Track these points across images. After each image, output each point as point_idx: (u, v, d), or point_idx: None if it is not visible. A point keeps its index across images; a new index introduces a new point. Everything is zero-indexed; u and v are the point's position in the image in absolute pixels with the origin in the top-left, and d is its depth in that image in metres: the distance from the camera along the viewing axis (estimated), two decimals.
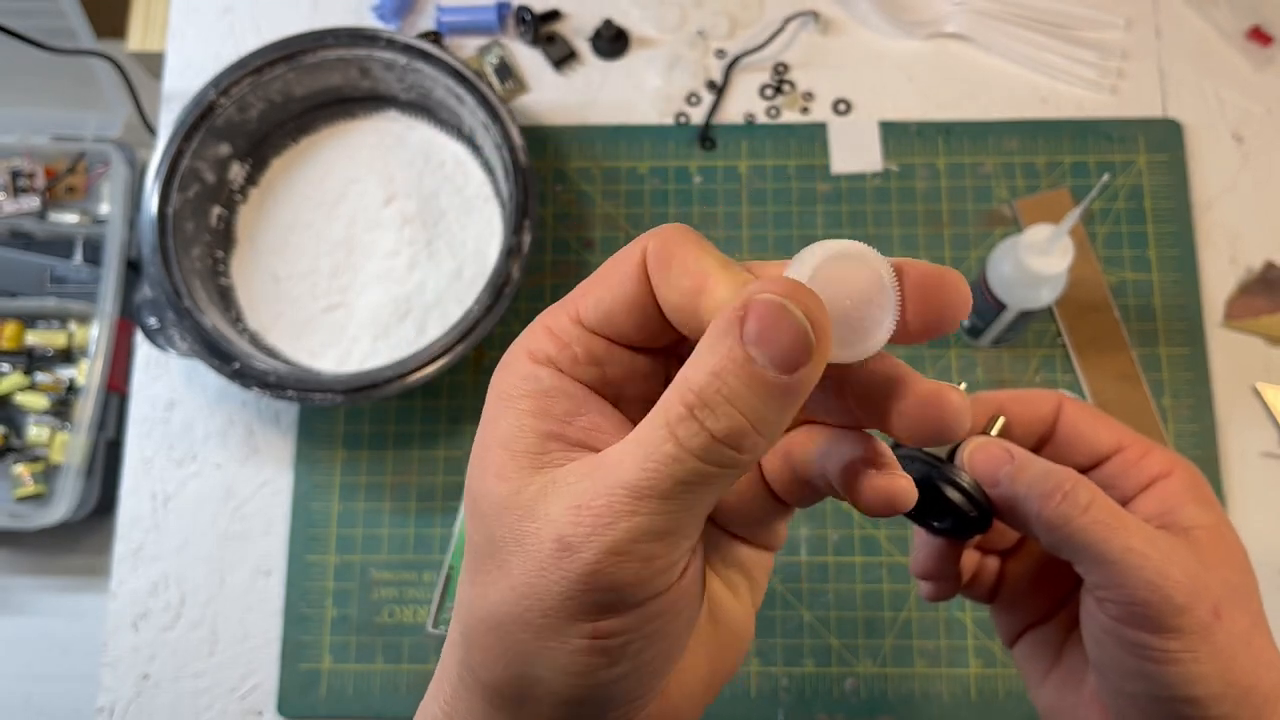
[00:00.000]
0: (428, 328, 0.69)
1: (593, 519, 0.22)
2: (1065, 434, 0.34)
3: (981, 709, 0.63)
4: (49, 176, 1.05)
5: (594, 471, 0.23)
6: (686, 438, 0.21)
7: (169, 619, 0.67)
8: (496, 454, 0.24)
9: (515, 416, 0.25)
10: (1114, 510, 0.30)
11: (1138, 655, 0.29)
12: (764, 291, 0.21)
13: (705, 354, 0.22)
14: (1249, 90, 0.74)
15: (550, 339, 0.25)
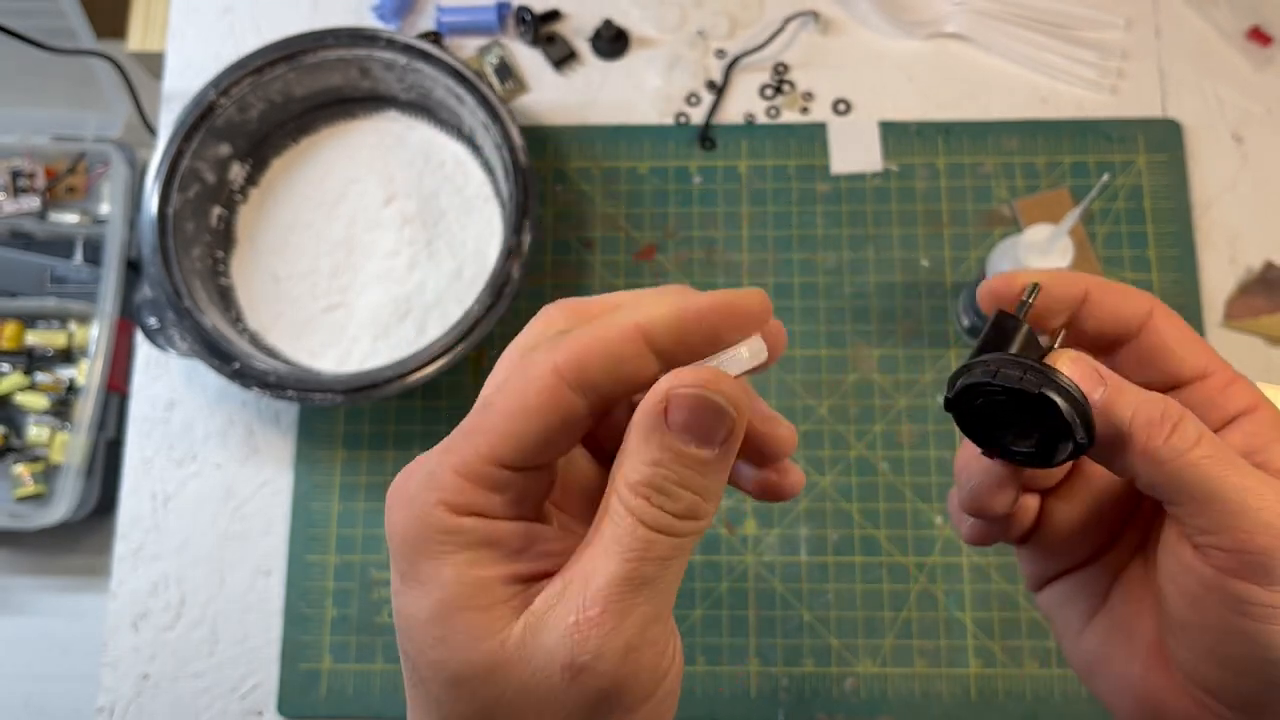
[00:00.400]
0: (428, 328, 0.69)
1: (596, 630, 0.23)
2: (1150, 346, 0.29)
3: (981, 709, 0.63)
4: (49, 176, 1.05)
5: (567, 589, 0.24)
6: (654, 521, 0.24)
7: (169, 619, 0.67)
8: (464, 619, 0.24)
9: (460, 571, 0.24)
10: (1224, 446, 0.26)
11: (1240, 612, 0.26)
12: (680, 386, 0.24)
13: (640, 448, 0.24)
14: (1249, 90, 0.74)
15: (467, 486, 0.24)
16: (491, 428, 0.24)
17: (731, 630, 0.65)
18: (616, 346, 0.24)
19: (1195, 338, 0.29)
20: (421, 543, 0.24)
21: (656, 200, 0.73)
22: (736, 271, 0.71)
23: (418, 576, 0.24)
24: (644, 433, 0.24)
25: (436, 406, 0.70)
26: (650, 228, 0.72)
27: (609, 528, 0.24)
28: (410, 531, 0.24)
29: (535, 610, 0.24)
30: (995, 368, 0.27)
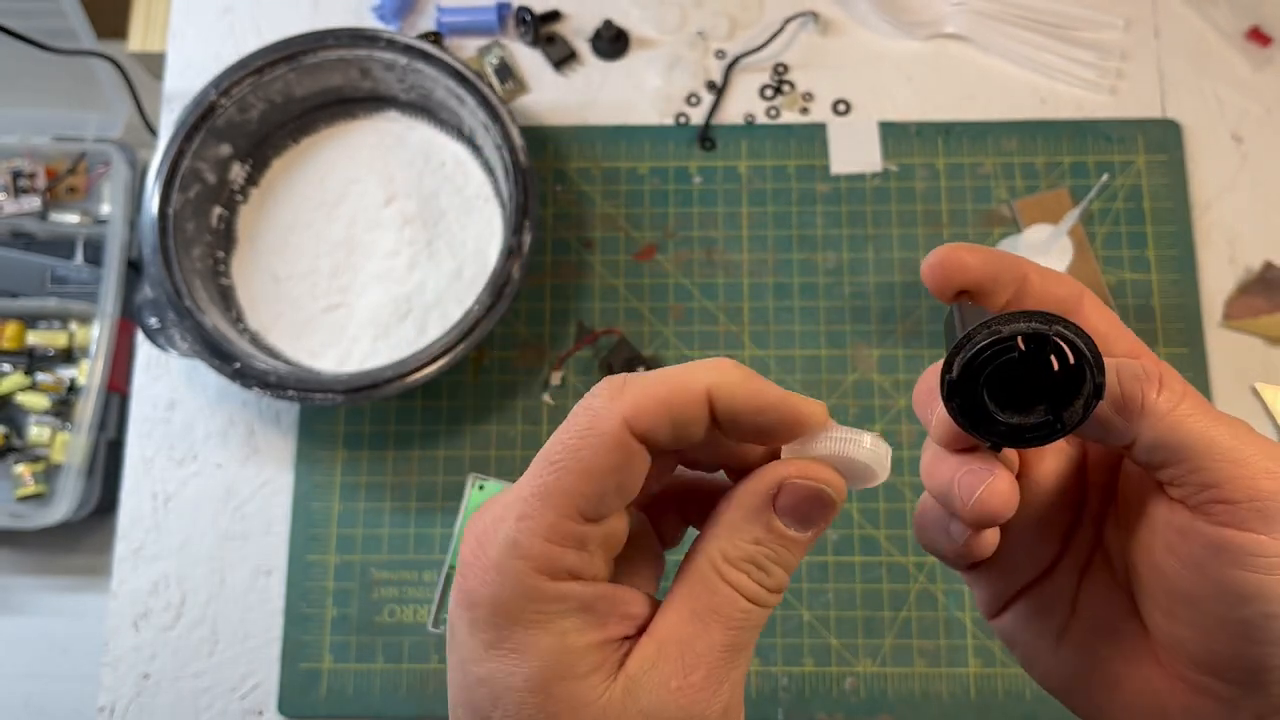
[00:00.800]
0: (428, 328, 0.69)
1: (701, 695, 0.25)
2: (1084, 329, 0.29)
3: (981, 708, 0.63)
4: (50, 177, 1.06)
5: (663, 653, 0.25)
6: (753, 595, 0.26)
7: (169, 619, 0.67)
8: (565, 688, 0.24)
9: (558, 640, 0.24)
10: (1203, 400, 0.26)
11: (1247, 567, 0.25)
12: (797, 478, 0.26)
13: (743, 525, 0.26)
14: (1248, 90, 0.74)
15: (557, 550, 0.24)
16: (570, 489, 0.24)
17: None
18: (682, 407, 0.25)
19: (1120, 323, 0.30)
20: (517, 612, 0.24)
21: (656, 200, 0.73)
22: (737, 271, 0.71)
23: (511, 646, 0.24)
24: (750, 512, 0.26)
25: (437, 406, 0.70)
26: (650, 228, 0.73)
27: (705, 596, 0.25)
28: (504, 601, 0.24)
29: (632, 674, 0.25)
30: (1000, 325, 0.25)
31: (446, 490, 0.68)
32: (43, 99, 1.08)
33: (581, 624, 0.25)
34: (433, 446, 0.69)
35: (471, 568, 0.25)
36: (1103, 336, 0.29)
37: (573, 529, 0.24)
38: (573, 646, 0.24)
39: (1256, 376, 0.69)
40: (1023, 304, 0.29)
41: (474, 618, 0.25)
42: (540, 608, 0.24)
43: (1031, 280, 0.29)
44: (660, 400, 0.25)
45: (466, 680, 0.25)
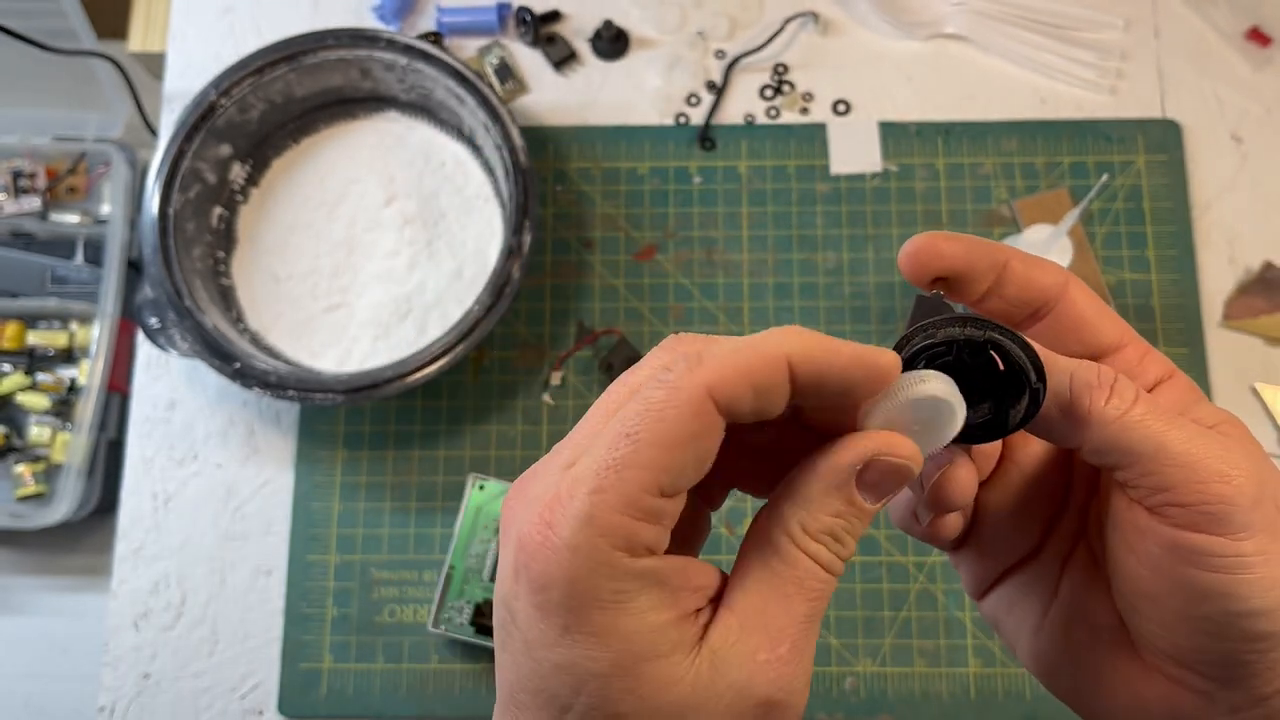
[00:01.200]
0: (428, 328, 0.69)
1: (788, 667, 0.25)
2: (1068, 317, 0.29)
3: (981, 708, 0.63)
4: (50, 177, 1.06)
5: (745, 627, 0.25)
6: (830, 565, 0.26)
7: (170, 618, 0.67)
8: (651, 668, 0.24)
9: (639, 620, 0.24)
10: (1159, 403, 0.26)
11: (1204, 566, 0.25)
12: (887, 454, 0.26)
13: (823, 498, 0.26)
14: (1248, 90, 0.74)
15: (636, 524, 0.24)
16: (649, 462, 0.23)
17: None
18: (765, 375, 0.24)
19: (1108, 309, 0.30)
20: (594, 593, 0.23)
21: (656, 200, 0.73)
22: (737, 271, 0.71)
23: (589, 629, 0.23)
24: (831, 486, 0.26)
25: (437, 406, 0.70)
26: (650, 228, 0.73)
27: (783, 568, 0.25)
28: (580, 581, 0.23)
29: (714, 648, 0.24)
30: (934, 329, 0.26)
31: (446, 490, 0.68)
32: (43, 99, 1.08)
33: (658, 601, 0.24)
34: (433, 446, 0.69)
35: (541, 548, 0.23)
36: (1088, 324, 0.29)
37: (651, 503, 0.23)
38: (653, 625, 0.24)
39: (1256, 376, 0.69)
40: (1003, 292, 0.29)
41: (545, 600, 0.23)
42: (620, 586, 0.23)
43: (1013, 268, 0.29)
44: (743, 371, 0.24)
45: (539, 668, 0.24)
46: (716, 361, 0.24)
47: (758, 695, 0.24)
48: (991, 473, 0.31)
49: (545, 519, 0.23)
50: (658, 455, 0.23)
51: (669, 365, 0.24)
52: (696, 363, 0.24)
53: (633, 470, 0.23)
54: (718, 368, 0.24)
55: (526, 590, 0.24)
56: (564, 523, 0.23)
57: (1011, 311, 0.30)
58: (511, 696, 0.25)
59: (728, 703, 0.24)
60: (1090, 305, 0.29)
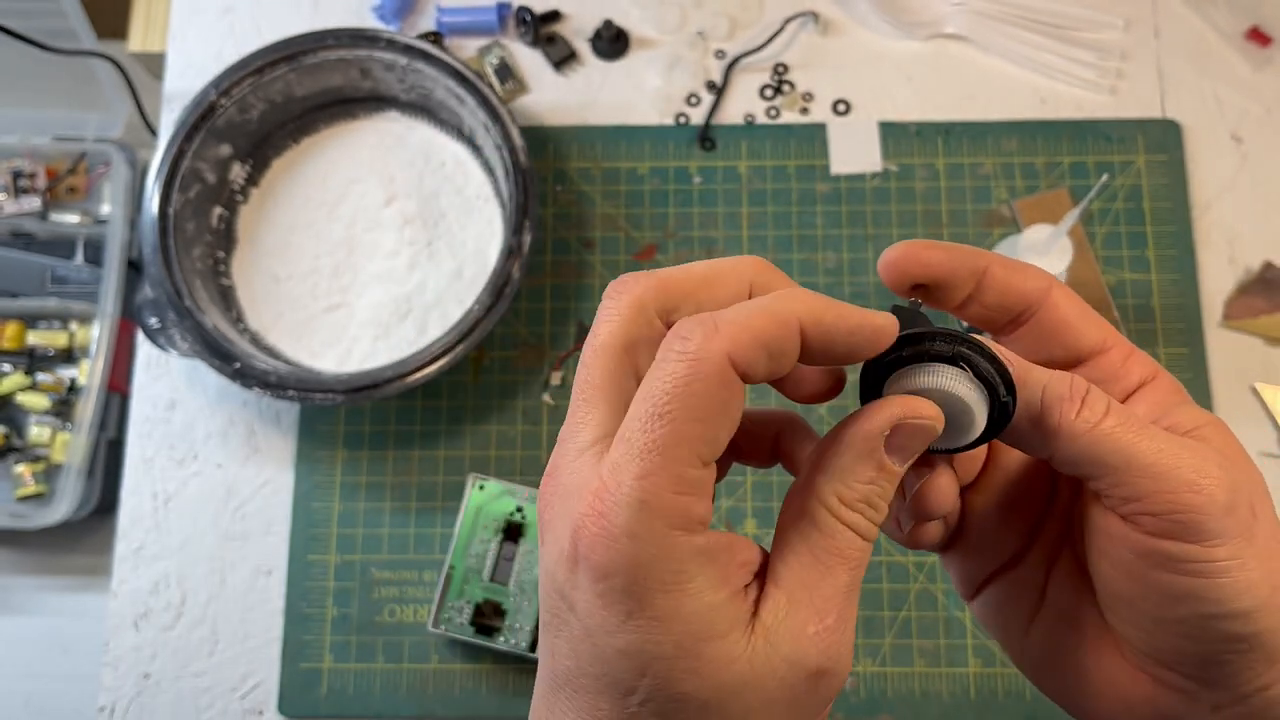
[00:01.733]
0: (428, 328, 0.69)
1: (835, 636, 0.26)
2: (1050, 322, 0.29)
3: (981, 708, 0.63)
4: (50, 177, 1.06)
5: (793, 600, 0.25)
6: (867, 532, 0.26)
7: (170, 618, 0.67)
8: (711, 648, 0.24)
9: (698, 601, 0.24)
10: (1132, 413, 0.27)
11: (1178, 572, 0.25)
12: (913, 417, 0.26)
13: (856, 466, 0.26)
14: (1248, 90, 0.74)
15: (690, 501, 0.24)
16: (686, 436, 0.24)
17: None
18: (779, 339, 0.25)
19: (1091, 312, 0.30)
20: (656, 576, 0.24)
21: (656, 200, 0.73)
22: None
23: (652, 614, 0.24)
24: (862, 453, 0.26)
25: (437, 406, 0.70)
26: (650, 228, 0.73)
27: (823, 540, 0.26)
28: (643, 566, 0.24)
29: (766, 624, 0.25)
30: (904, 347, 0.27)
31: (447, 490, 0.68)
32: (43, 99, 1.08)
33: (713, 579, 0.25)
34: (433, 446, 0.69)
35: (600, 538, 0.24)
36: (1070, 328, 0.29)
37: (696, 476, 0.24)
38: (710, 604, 0.24)
39: (1256, 376, 0.69)
40: (983, 298, 0.29)
41: (608, 589, 0.24)
42: (679, 567, 0.24)
43: (994, 274, 0.29)
44: (759, 336, 0.24)
45: (602, 654, 0.25)
46: (734, 328, 0.24)
47: (809, 667, 0.25)
48: (977, 476, 0.32)
49: (597, 509, 0.24)
50: (693, 428, 0.24)
51: (686, 335, 0.24)
52: (713, 330, 0.24)
53: (673, 447, 0.24)
54: (735, 334, 0.24)
55: (588, 580, 0.24)
56: (618, 510, 0.24)
57: (993, 317, 0.30)
58: (569, 681, 0.26)
59: (781, 676, 0.25)
60: (1073, 309, 0.29)
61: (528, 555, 0.63)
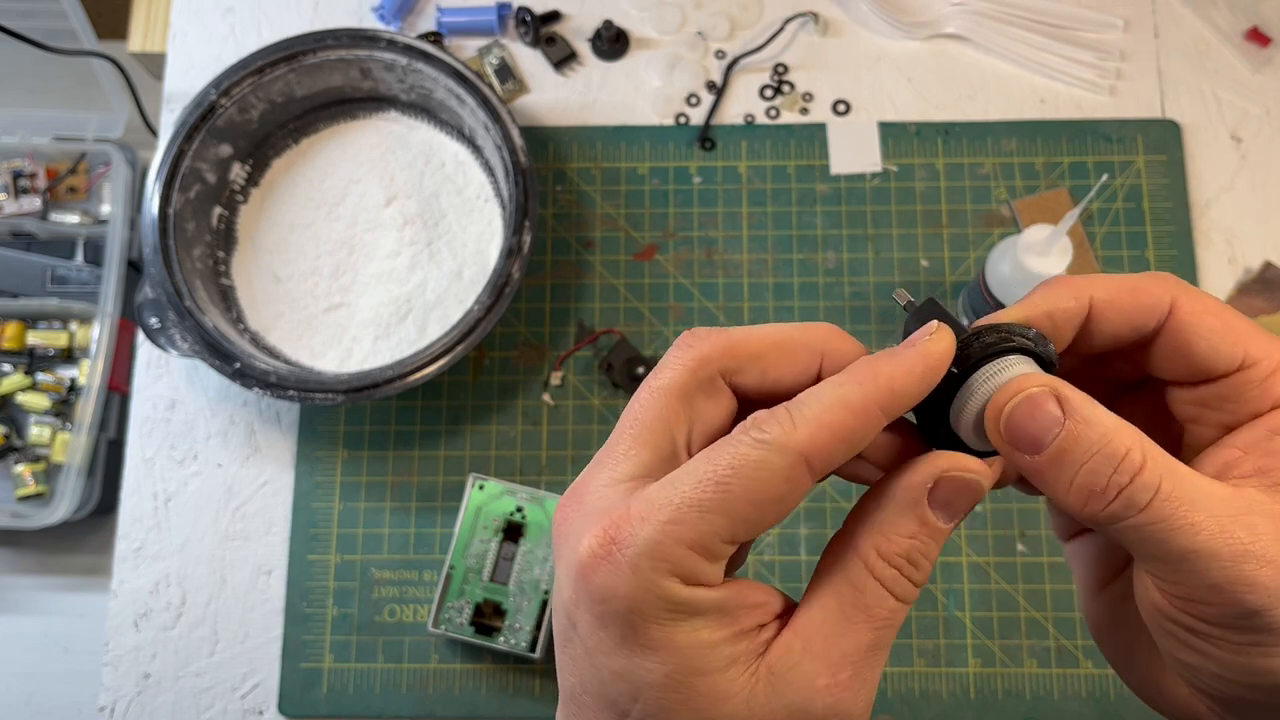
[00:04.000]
0: (428, 328, 0.69)
1: (849, 693, 0.25)
2: (1174, 345, 0.26)
3: (980, 707, 0.63)
4: (50, 177, 1.06)
5: (809, 649, 0.25)
6: (903, 592, 0.26)
7: (170, 618, 0.67)
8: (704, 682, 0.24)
9: (693, 637, 0.24)
10: (1183, 487, 0.23)
11: (1239, 654, 0.24)
12: (957, 470, 0.25)
13: (898, 520, 0.25)
14: (1247, 91, 0.74)
15: (700, 561, 0.24)
16: (733, 512, 0.24)
17: None
18: (857, 434, 0.24)
19: (1231, 325, 0.26)
20: (651, 611, 0.24)
21: (656, 200, 0.73)
22: (736, 271, 0.71)
23: (645, 643, 0.24)
24: (904, 506, 0.25)
25: (437, 406, 0.70)
26: (650, 228, 0.73)
27: (853, 594, 0.25)
28: (638, 601, 0.24)
29: (775, 668, 0.25)
30: (998, 338, 0.26)
31: (447, 490, 0.68)
32: (43, 99, 1.08)
33: (712, 620, 0.24)
34: (433, 446, 0.69)
35: (603, 563, 0.24)
36: (1190, 349, 0.26)
37: (720, 549, 0.24)
38: (707, 642, 0.24)
39: None
40: (1091, 339, 0.27)
41: (605, 611, 0.24)
42: (674, 608, 0.24)
43: (1098, 312, 0.27)
44: (835, 432, 0.24)
45: (600, 674, 0.25)
46: (812, 425, 0.24)
47: (817, 711, 0.24)
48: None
49: (611, 535, 0.24)
50: (742, 509, 0.24)
51: (763, 424, 0.24)
52: (790, 426, 0.24)
53: (714, 515, 0.24)
54: (814, 432, 0.24)
55: (587, 600, 0.24)
56: (629, 543, 0.24)
57: (1108, 347, 0.28)
58: (573, 696, 0.26)
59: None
60: (1203, 325, 0.26)
61: (527, 555, 0.63)
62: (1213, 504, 0.23)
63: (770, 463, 0.24)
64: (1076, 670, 0.64)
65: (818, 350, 0.27)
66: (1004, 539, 0.66)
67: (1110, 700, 0.63)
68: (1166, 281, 0.27)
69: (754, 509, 0.24)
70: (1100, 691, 0.63)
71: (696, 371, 0.26)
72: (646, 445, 0.26)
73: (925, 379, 0.25)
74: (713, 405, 0.27)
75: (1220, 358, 0.26)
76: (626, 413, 0.27)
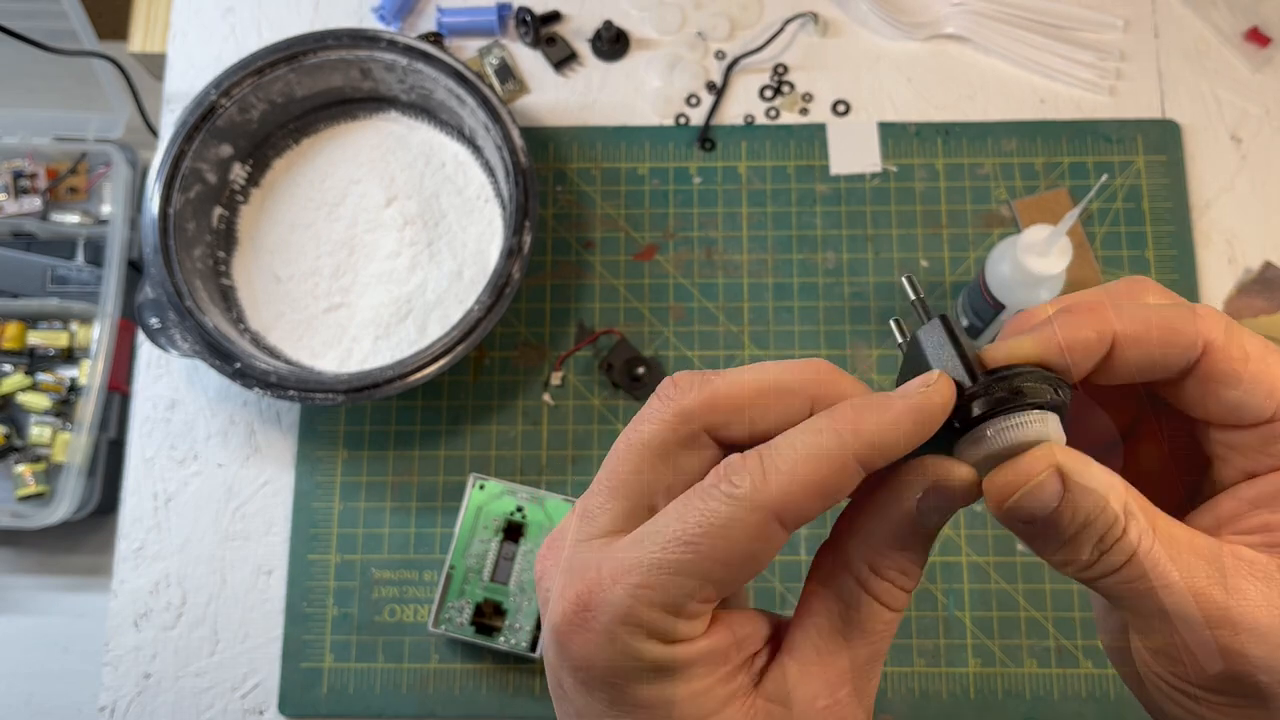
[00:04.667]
0: (429, 328, 0.69)
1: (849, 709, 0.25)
2: (1202, 388, 0.25)
3: (980, 707, 0.63)
4: (51, 177, 1.06)
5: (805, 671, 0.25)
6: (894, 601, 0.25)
7: (170, 618, 0.67)
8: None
9: (682, 688, 0.24)
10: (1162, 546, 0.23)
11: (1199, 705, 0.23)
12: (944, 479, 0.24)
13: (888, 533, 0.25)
14: (1247, 91, 0.74)
15: (676, 622, 0.23)
16: (704, 573, 0.23)
17: None
18: (832, 487, 0.23)
19: (1266, 375, 0.24)
20: (633, 674, 0.23)
21: (656, 201, 0.73)
22: (736, 272, 0.71)
23: (636, 702, 0.24)
24: (894, 519, 0.25)
25: (437, 406, 0.70)
26: (650, 228, 0.73)
27: (847, 610, 0.25)
28: (617, 667, 0.23)
29: (773, 696, 0.24)
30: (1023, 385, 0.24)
31: (447, 490, 0.68)
32: (44, 100, 1.08)
33: (704, 669, 0.24)
34: (433, 446, 0.69)
35: (578, 631, 0.23)
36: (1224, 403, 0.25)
37: (695, 609, 0.23)
38: (700, 690, 0.24)
39: None
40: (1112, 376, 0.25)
41: (587, 677, 0.24)
42: (655, 668, 0.23)
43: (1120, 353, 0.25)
44: (807, 484, 0.23)
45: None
46: (784, 479, 0.23)
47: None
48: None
49: (584, 600, 0.23)
50: (713, 569, 0.23)
51: (735, 478, 0.23)
52: (762, 479, 0.23)
53: (684, 578, 0.23)
54: (785, 485, 0.23)
55: (569, 667, 0.24)
56: (602, 609, 0.23)
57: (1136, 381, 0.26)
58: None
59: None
60: (1237, 371, 0.24)
61: (528, 555, 0.63)
62: (1193, 563, 0.23)
63: (740, 520, 0.23)
64: (1076, 670, 0.64)
65: (809, 395, 0.25)
66: (1004, 539, 0.66)
67: (1110, 700, 0.63)
68: (1204, 320, 0.24)
69: (725, 569, 0.23)
70: (1100, 691, 0.63)
71: (678, 428, 0.25)
72: (621, 499, 0.25)
73: (913, 436, 0.24)
74: (694, 458, 0.25)
75: (1249, 410, 0.24)
76: (606, 462, 0.26)
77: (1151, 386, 0.26)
